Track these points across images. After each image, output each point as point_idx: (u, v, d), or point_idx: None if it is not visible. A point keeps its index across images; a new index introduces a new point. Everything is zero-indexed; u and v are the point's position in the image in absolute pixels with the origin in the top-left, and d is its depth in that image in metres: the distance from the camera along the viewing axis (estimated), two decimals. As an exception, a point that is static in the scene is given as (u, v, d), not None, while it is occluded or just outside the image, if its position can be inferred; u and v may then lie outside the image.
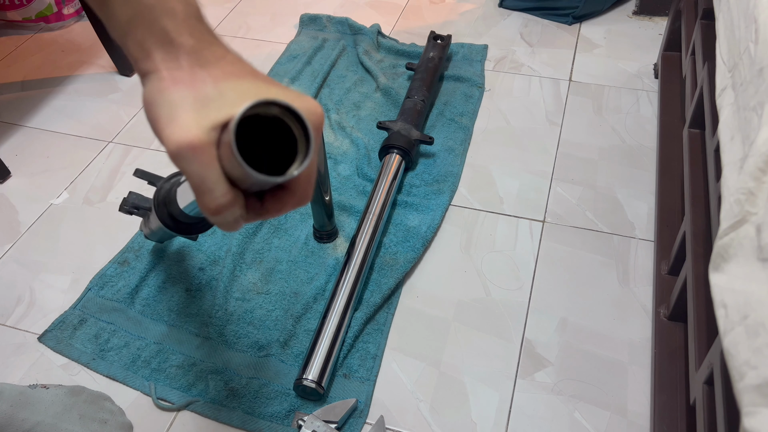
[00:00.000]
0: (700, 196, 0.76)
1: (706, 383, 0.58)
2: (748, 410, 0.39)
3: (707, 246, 0.69)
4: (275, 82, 0.42)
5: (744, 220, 0.46)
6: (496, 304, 0.87)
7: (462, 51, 1.32)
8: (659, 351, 0.76)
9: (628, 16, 1.41)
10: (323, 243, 0.95)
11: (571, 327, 0.84)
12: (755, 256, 0.43)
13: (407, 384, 0.79)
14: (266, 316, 0.86)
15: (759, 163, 0.45)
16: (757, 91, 0.52)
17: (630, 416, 0.75)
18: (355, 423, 0.75)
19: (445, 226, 0.98)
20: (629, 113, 1.15)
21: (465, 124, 1.14)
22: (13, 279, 0.94)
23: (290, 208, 0.41)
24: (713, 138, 0.70)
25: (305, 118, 0.37)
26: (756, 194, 0.45)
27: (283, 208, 0.41)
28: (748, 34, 0.58)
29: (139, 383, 0.80)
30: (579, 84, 1.23)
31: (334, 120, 1.17)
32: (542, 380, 0.78)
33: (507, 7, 1.46)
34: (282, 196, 0.40)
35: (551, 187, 1.03)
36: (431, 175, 1.05)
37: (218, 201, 0.37)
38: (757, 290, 0.42)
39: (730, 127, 0.58)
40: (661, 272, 0.85)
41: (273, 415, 0.76)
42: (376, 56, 1.32)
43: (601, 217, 0.97)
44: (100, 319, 0.87)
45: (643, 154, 1.07)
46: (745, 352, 0.41)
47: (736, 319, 0.43)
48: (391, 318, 0.86)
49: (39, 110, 1.25)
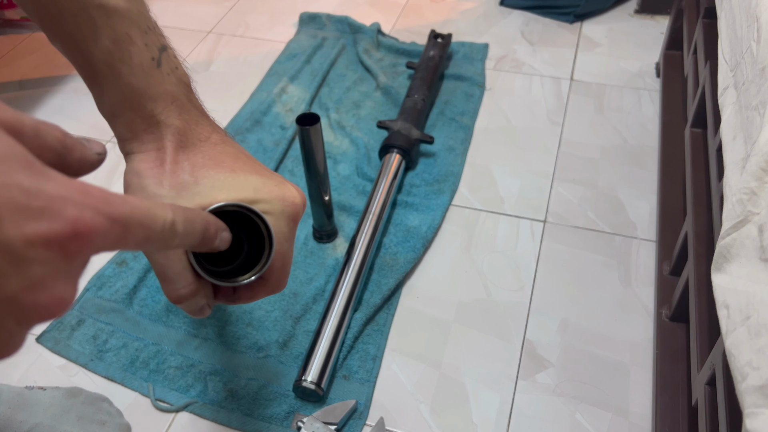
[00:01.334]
0: (702, 196, 0.76)
1: (708, 384, 0.58)
2: (750, 411, 0.39)
3: (709, 246, 0.69)
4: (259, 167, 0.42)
5: (746, 220, 0.45)
6: (497, 304, 0.87)
7: (462, 50, 1.32)
8: (661, 352, 0.76)
9: (630, 15, 1.41)
10: (323, 243, 0.95)
11: (572, 328, 0.83)
12: (757, 256, 0.43)
13: (407, 385, 0.79)
14: (265, 317, 0.86)
15: (761, 162, 0.45)
16: (759, 90, 0.51)
17: (631, 417, 0.74)
18: (355, 424, 0.75)
19: (445, 226, 0.97)
20: (631, 112, 1.15)
21: (465, 123, 1.14)
22: (11, 279, 0.94)
23: (263, 296, 0.41)
24: (715, 137, 0.70)
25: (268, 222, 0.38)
26: (758, 194, 0.45)
27: (256, 296, 0.41)
28: (750, 33, 0.57)
29: (138, 384, 0.80)
30: (580, 83, 1.23)
31: (334, 119, 1.17)
32: (543, 381, 0.78)
33: (508, 5, 1.46)
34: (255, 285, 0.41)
35: (552, 187, 1.02)
36: (431, 175, 1.04)
37: (179, 292, 0.37)
38: (760, 291, 0.41)
39: (732, 127, 0.57)
40: (662, 273, 0.84)
41: (272, 416, 0.75)
42: (376, 55, 1.32)
43: (603, 217, 0.97)
44: (98, 320, 0.87)
45: (645, 154, 1.07)
46: (747, 353, 0.41)
47: (738, 320, 0.43)
48: (391, 319, 0.85)
49: (37, 109, 1.25)
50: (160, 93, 0.38)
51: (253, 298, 0.41)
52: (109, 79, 0.37)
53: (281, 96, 1.22)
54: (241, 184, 0.39)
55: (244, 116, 1.18)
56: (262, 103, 1.20)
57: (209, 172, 0.39)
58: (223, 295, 0.41)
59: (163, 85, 0.39)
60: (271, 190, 0.40)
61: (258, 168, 0.42)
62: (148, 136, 0.38)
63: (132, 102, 0.38)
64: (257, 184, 0.40)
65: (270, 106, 1.19)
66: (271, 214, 0.39)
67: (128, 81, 0.37)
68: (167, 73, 0.39)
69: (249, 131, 1.15)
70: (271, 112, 1.19)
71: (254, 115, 1.17)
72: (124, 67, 0.37)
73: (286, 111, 1.19)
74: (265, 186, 0.40)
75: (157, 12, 1.56)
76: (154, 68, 0.38)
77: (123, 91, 0.38)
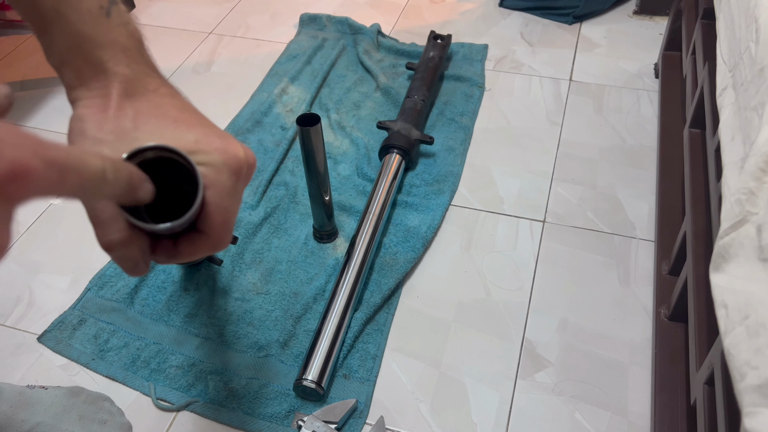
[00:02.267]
0: (700, 196, 0.76)
1: (706, 383, 0.58)
2: (749, 411, 0.39)
3: (708, 246, 0.69)
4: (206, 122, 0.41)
5: (745, 220, 0.46)
6: (497, 304, 0.87)
7: (462, 50, 1.32)
8: (660, 351, 0.76)
9: (629, 16, 1.41)
10: (323, 243, 0.95)
11: (571, 327, 0.83)
12: (756, 256, 0.43)
13: (407, 384, 0.79)
14: (266, 316, 0.86)
15: (760, 163, 0.45)
16: (757, 90, 0.52)
17: (630, 417, 0.74)
18: (355, 423, 0.75)
19: (445, 226, 0.98)
20: (630, 113, 1.15)
21: (465, 123, 1.14)
22: (12, 279, 0.94)
23: (205, 252, 0.40)
24: (714, 138, 0.70)
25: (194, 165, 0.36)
26: (757, 194, 0.45)
27: (197, 252, 0.40)
28: (749, 33, 0.58)
29: (139, 383, 0.80)
30: (579, 84, 1.23)
31: (334, 120, 1.17)
32: (543, 381, 0.78)
33: (507, 6, 1.46)
34: (195, 240, 0.39)
35: (552, 187, 1.02)
36: (431, 175, 1.04)
37: (110, 237, 0.36)
38: (758, 290, 0.42)
39: (730, 127, 0.58)
40: (661, 272, 0.85)
41: (273, 415, 0.75)
42: (376, 56, 1.32)
43: (602, 217, 0.97)
44: (99, 320, 0.87)
45: (644, 154, 1.07)
46: (745, 353, 0.41)
47: (736, 320, 0.43)
48: (391, 318, 0.86)
49: (38, 110, 1.25)
50: (108, 41, 0.38)
51: (195, 254, 0.40)
52: (57, 26, 0.37)
53: (282, 96, 1.22)
54: (182, 134, 0.38)
55: (244, 117, 1.18)
56: (263, 104, 1.20)
57: (151, 120, 0.38)
58: (164, 250, 0.39)
59: (112, 35, 0.38)
60: (213, 141, 0.39)
61: (204, 122, 0.41)
62: (95, 83, 0.38)
63: (80, 49, 0.38)
64: (199, 135, 0.39)
65: (270, 106, 1.20)
66: (210, 166, 0.38)
67: (77, 28, 0.37)
68: (117, 25, 0.39)
69: (250, 132, 1.15)
70: (271, 112, 1.19)
71: (255, 115, 1.18)
72: (72, 13, 0.37)
73: (287, 111, 1.19)
74: (206, 137, 0.39)
75: (158, 13, 1.57)
76: (103, 17, 0.38)
77: (72, 38, 0.38)
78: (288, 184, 1.04)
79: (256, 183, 1.04)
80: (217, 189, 0.38)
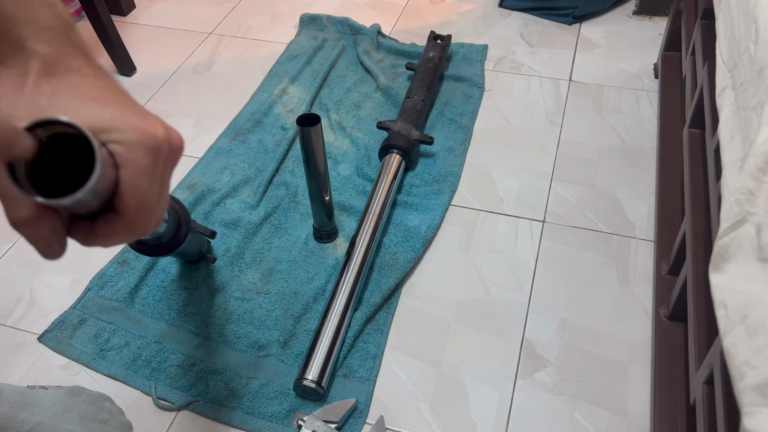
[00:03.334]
0: (700, 196, 0.76)
1: (706, 383, 0.58)
2: (748, 410, 0.39)
3: (707, 246, 0.69)
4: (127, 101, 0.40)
5: (744, 220, 0.46)
6: (496, 304, 0.87)
7: (462, 51, 1.32)
8: (659, 351, 0.76)
9: (628, 16, 1.41)
10: (323, 243, 0.95)
11: (571, 327, 0.84)
12: (755, 256, 0.43)
13: (407, 384, 0.79)
14: (266, 315, 0.86)
15: (759, 163, 0.45)
16: (757, 91, 0.52)
17: (630, 416, 0.75)
18: (355, 423, 0.75)
19: (445, 226, 0.98)
20: (629, 113, 1.15)
21: (465, 124, 1.14)
22: (12, 279, 0.94)
23: (121, 233, 0.39)
24: (713, 138, 0.70)
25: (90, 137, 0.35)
26: (756, 194, 0.45)
27: (113, 233, 0.39)
28: (748, 34, 0.58)
29: (140, 383, 0.80)
30: (579, 84, 1.23)
31: (334, 120, 1.17)
32: (542, 380, 0.78)
33: (507, 7, 1.46)
34: (111, 220, 0.38)
35: (551, 187, 1.03)
36: (431, 175, 1.05)
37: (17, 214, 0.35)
38: (757, 290, 0.42)
39: (730, 127, 0.58)
40: (661, 272, 0.85)
41: (273, 415, 0.76)
42: (376, 56, 1.32)
43: (601, 217, 0.97)
44: (100, 319, 0.87)
45: (643, 154, 1.07)
46: (745, 352, 0.41)
47: (736, 319, 0.43)
48: (391, 318, 0.86)
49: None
50: (29, 19, 0.38)
51: (111, 236, 0.39)
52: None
53: (282, 97, 1.22)
54: (98, 112, 0.37)
55: (245, 117, 1.19)
56: (263, 104, 1.20)
57: (67, 98, 0.38)
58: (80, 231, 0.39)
59: (34, 13, 0.38)
60: (130, 119, 0.38)
61: (125, 101, 0.40)
62: (13, 62, 0.38)
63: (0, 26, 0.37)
64: (115, 113, 0.38)
65: (271, 106, 1.20)
66: (124, 144, 0.37)
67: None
68: (40, 5, 0.39)
69: (250, 132, 1.15)
70: (271, 112, 1.19)
71: (255, 115, 1.18)
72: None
73: (287, 112, 1.19)
74: (123, 116, 0.38)
75: (158, 13, 1.57)
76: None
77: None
78: (288, 184, 1.05)
79: (256, 183, 1.05)
80: (132, 168, 0.37)
